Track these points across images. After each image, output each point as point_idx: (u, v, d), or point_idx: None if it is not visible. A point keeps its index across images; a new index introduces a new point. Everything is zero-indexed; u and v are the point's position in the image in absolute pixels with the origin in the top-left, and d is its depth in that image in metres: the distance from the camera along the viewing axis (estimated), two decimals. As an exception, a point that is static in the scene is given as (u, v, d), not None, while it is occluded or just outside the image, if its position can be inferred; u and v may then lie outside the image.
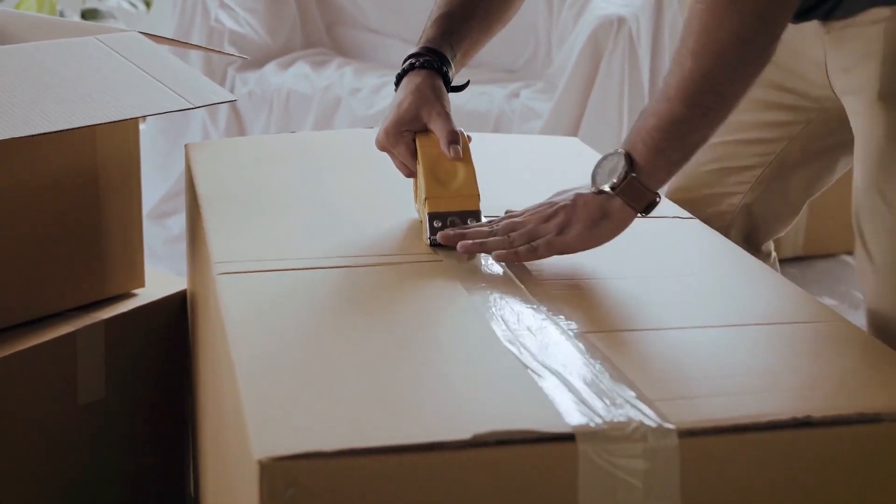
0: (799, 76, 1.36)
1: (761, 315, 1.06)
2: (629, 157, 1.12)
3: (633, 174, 1.12)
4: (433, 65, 1.33)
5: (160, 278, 1.69)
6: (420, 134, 1.29)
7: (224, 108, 2.65)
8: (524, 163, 1.57)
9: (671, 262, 1.20)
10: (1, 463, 1.43)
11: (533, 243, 1.13)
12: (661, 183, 1.14)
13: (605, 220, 1.13)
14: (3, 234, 1.43)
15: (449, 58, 1.36)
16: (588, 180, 1.15)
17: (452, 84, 1.35)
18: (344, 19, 3.06)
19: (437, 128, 1.28)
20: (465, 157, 1.26)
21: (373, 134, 1.36)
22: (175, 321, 1.64)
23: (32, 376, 1.44)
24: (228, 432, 0.99)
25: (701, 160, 1.44)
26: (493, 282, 1.11)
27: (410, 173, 1.33)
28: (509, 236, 1.15)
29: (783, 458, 0.85)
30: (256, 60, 2.78)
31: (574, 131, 2.39)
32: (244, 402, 0.86)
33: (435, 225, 1.22)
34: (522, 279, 1.11)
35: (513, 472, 0.81)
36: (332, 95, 2.61)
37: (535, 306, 1.04)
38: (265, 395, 0.87)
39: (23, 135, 1.22)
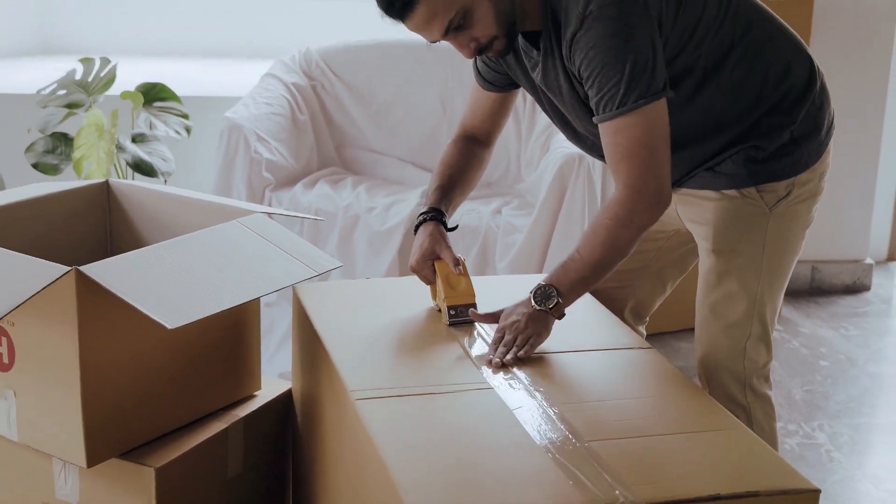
0: None
1: (693, 425, 1.74)
2: (557, 290, 1.95)
3: (560, 300, 1.95)
4: (437, 218, 2.18)
5: (266, 381, 2.32)
6: (437, 260, 2.13)
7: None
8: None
9: (637, 387, 1.88)
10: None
11: (525, 349, 1.92)
12: (572, 303, 2.00)
13: (549, 325, 1.96)
14: (180, 363, 2.05)
15: (445, 212, 2.21)
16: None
17: (449, 227, 2.19)
18: (350, 142, 3.71)
19: (446, 257, 2.13)
20: (464, 273, 2.12)
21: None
22: (285, 414, 2.29)
23: (202, 459, 2.07)
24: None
25: None
26: (530, 405, 1.77)
27: (430, 283, 2.15)
28: (509, 348, 1.92)
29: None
30: (287, 181, 3.41)
31: (547, 243, 3.07)
32: (399, 487, 1.50)
33: (451, 312, 2.07)
34: (549, 402, 1.78)
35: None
36: (352, 213, 3.24)
37: (556, 421, 1.71)
38: (413, 481, 1.52)
39: (215, 311, 1.83)
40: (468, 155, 2.28)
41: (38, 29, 4.95)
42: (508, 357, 1.90)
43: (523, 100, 3.49)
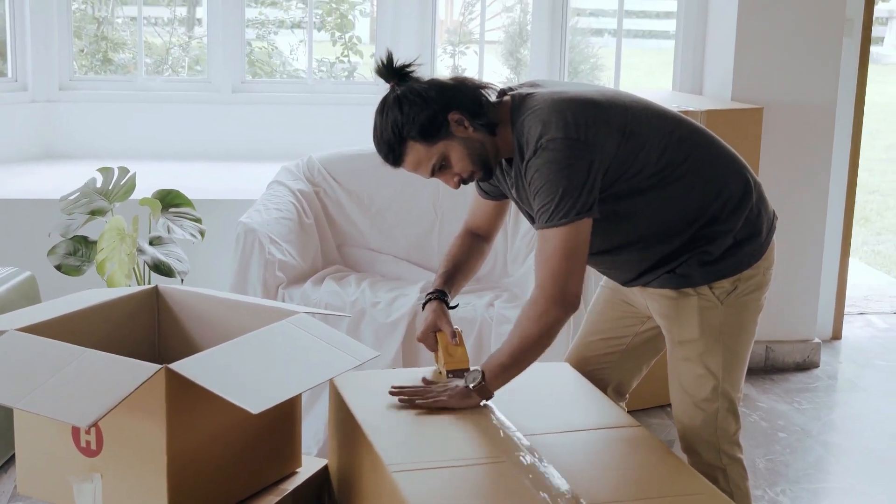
0: (632, 302, 2.62)
1: (677, 490, 2.11)
2: (483, 375, 2.40)
3: (484, 383, 2.40)
4: (441, 298, 2.65)
5: (305, 459, 2.65)
6: (438, 332, 2.58)
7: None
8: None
9: (629, 460, 2.25)
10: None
11: (428, 402, 2.42)
12: (496, 389, 2.42)
13: (467, 399, 2.41)
14: (244, 444, 2.38)
15: (448, 293, 2.65)
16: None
17: (450, 306, 2.64)
18: (350, 241, 4.07)
19: (445, 330, 2.59)
20: (461, 343, 2.57)
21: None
22: (321, 487, 2.61)
23: (259, 529, 2.41)
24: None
25: (587, 354, 2.75)
26: (542, 474, 2.12)
27: (434, 350, 2.61)
28: (419, 396, 2.44)
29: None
30: (297, 279, 3.76)
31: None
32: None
33: (449, 376, 2.52)
34: (558, 472, 2.12)
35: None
36: (359, 308, 3.58)
37: (562, 489, 2.06)
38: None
39: (288, 397, 2.18)
40: (471, 247, 2.73)
41: (40, 135, 5.27)
42: (418, 402, 2.44)
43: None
